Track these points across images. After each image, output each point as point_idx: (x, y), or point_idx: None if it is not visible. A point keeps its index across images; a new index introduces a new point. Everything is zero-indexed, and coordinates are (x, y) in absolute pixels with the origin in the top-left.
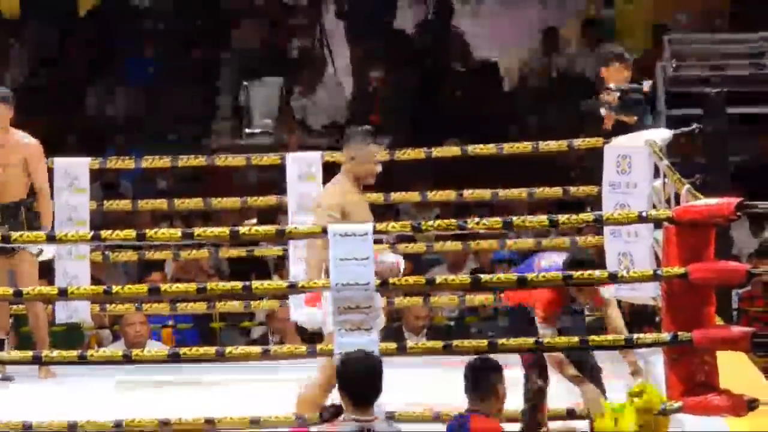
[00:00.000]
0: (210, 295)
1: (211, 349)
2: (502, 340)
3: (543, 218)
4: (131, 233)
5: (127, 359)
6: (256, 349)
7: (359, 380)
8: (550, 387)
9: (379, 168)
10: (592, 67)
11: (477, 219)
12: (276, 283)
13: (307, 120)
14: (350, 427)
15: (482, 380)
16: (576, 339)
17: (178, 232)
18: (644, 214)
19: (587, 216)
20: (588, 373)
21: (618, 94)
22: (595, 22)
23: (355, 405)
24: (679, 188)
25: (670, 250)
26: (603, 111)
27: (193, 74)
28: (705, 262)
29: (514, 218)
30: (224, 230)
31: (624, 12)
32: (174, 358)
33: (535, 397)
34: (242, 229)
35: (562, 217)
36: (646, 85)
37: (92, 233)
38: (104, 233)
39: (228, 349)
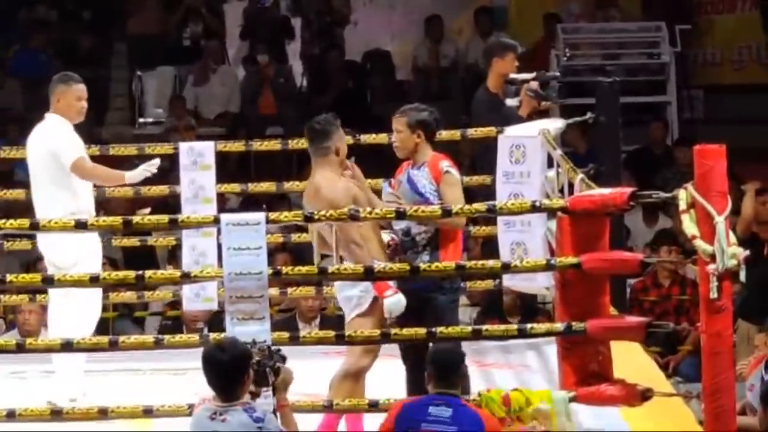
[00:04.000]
0: (103, 284)
1: (104, 339)
2: (395, 330)
3: (436, 208)
4: (25, 222)
5: (20, 348)
6: (149, 338)
7: (214, 370)
8: None
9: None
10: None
11: (368, 209)
12: (169, 272)
13: (200, 109)
14: (204, 410)
15: (454, 368)
16: (469, 329)
17: (71, 221)
18: (538, 203)
19: (480, 206)
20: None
21: (537, 82)
22: (487, 11)
23: (214, 392)
24: (573, 178)
25: (564, 240)
26: (513, 101)
27: (86, 63)
28: (598, 251)
29: (408, 208)
30: (117, 219)
31: (517, 1)
32: (67, 348)
33: None
34: (135, 218)
35: (455, 207)
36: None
37: None
38: None
39: (121, 339)
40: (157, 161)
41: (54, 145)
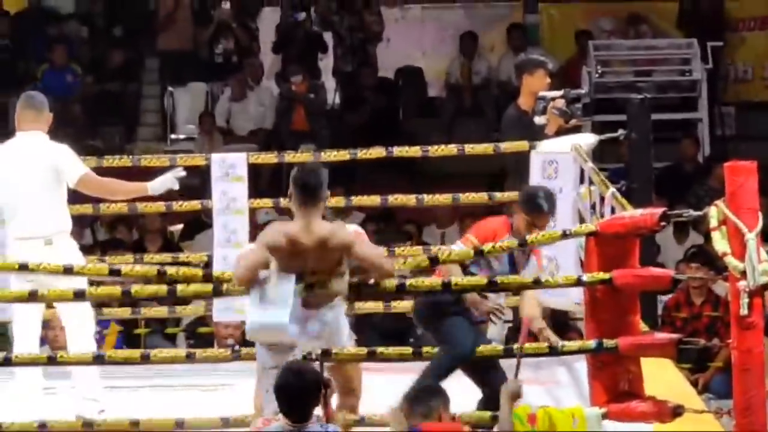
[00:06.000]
0: (135, 298)
1: (136, 352)
2: (427, 348)
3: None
4: (59, 267)
5: (51, 361)
6: (181, 352)
7: (290, 396)
8: None
9: None
10: None
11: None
12: (200, 286)
13: (232, 125)
14: (277, 427)
15: (426, 403)
16: (500, 348)
17: (105, 268)
18: (568, 231)
19: (512, 243)
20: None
21: (563, 100)
22: (519, 28)
23: (286, 415)
24: (604, 193)
25: (591, 261)
26: (541, 119)
27: (117, 79)
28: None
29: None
30: (152, 269)
31: (549, 18)
32: (99, 361)
33: None
34: (170, 270)
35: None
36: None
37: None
38: None
39: (153, 353)
40: (180, 169)
41: (58, 161)
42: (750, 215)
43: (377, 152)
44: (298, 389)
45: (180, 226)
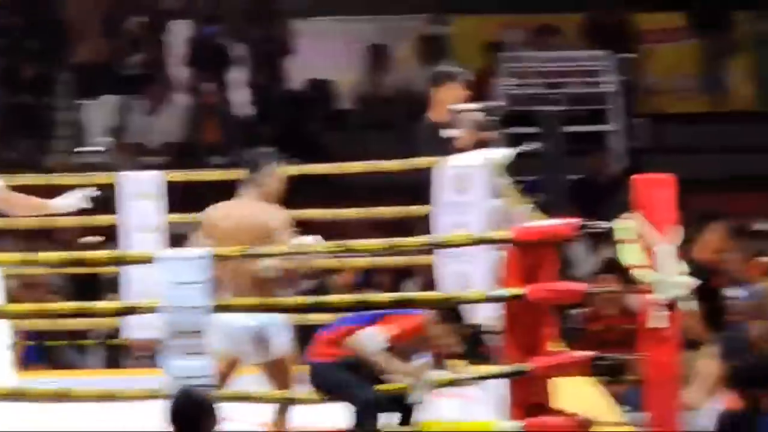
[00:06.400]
0: (51, 314)
1: (50, 390)
2: None
3: (381, 242)
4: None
5: None
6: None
7: (180, 419)
8: None
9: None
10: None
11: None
12: (114, 303)
13: (144, 138)
14: None
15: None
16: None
17: (18, 256)
18: (483, 236)
19: (424, 239)
20: None
21: (478, 113)
22: (429, 40)
23: None
24: (518, 207)
25: (510, 271)
26: (456, 132)
27: (30, 92)
28: (545, 282)
29: (352, 242)
30: (67, 254)
31: (459, 29)
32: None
33: None
34: (83, 255)
35: (398, 240)
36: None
37: None
38: None
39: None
40: (93, 189)
41: None
42: (661, 227)
43: (288, 171)
44: (195, 415)
45: (90, 239)
